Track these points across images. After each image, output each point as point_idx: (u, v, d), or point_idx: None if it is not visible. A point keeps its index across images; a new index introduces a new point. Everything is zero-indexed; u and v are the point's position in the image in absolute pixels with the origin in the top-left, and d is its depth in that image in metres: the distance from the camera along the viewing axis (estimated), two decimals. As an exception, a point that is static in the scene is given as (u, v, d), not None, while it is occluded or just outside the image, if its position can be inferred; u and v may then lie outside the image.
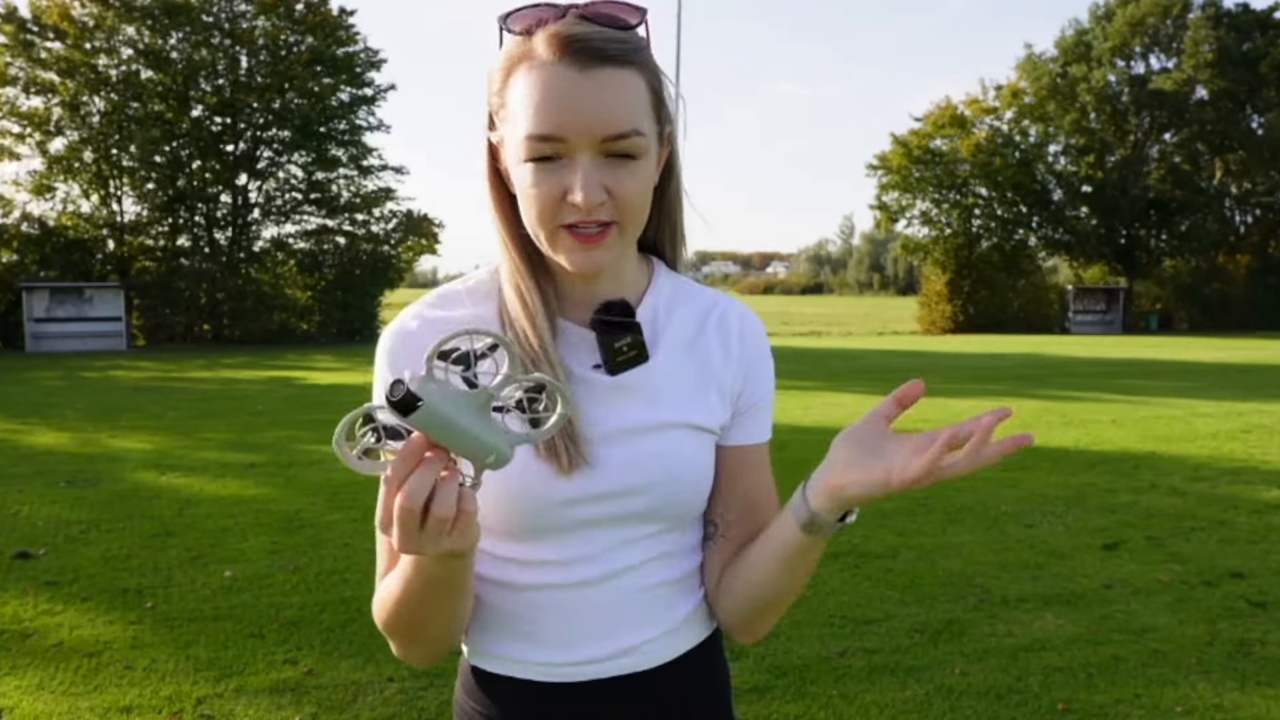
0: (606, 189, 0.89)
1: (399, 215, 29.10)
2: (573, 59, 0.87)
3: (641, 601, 1.00)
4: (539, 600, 0.99)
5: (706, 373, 1.02)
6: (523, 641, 1.00)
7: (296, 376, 16.01)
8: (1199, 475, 7.06)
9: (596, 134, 0.87)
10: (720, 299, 1.07)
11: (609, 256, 0.92)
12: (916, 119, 36.96)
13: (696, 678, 1.06)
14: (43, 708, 3.15)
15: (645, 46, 0.92)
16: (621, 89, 0.88)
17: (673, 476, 0.98)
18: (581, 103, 0.86)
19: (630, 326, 0.97)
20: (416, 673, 3.40)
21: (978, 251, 36.37)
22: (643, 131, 0.89)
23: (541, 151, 0.88)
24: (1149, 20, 36.12)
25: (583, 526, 0.97)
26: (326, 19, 27.49)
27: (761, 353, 1.07)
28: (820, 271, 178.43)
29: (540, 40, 0.88)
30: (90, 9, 25.30)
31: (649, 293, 1.03)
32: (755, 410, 1.06)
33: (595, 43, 0.87)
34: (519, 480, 0.93)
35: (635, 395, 0.98)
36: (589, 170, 0.87)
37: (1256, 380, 14.84)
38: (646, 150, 0.90)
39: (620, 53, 0.88)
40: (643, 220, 0.94)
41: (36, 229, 25.39)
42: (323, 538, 5.25)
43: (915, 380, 0.89)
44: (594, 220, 0.89)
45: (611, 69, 0.88)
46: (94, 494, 6.35)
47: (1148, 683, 3.37)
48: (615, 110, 0.87)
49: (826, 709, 3.16)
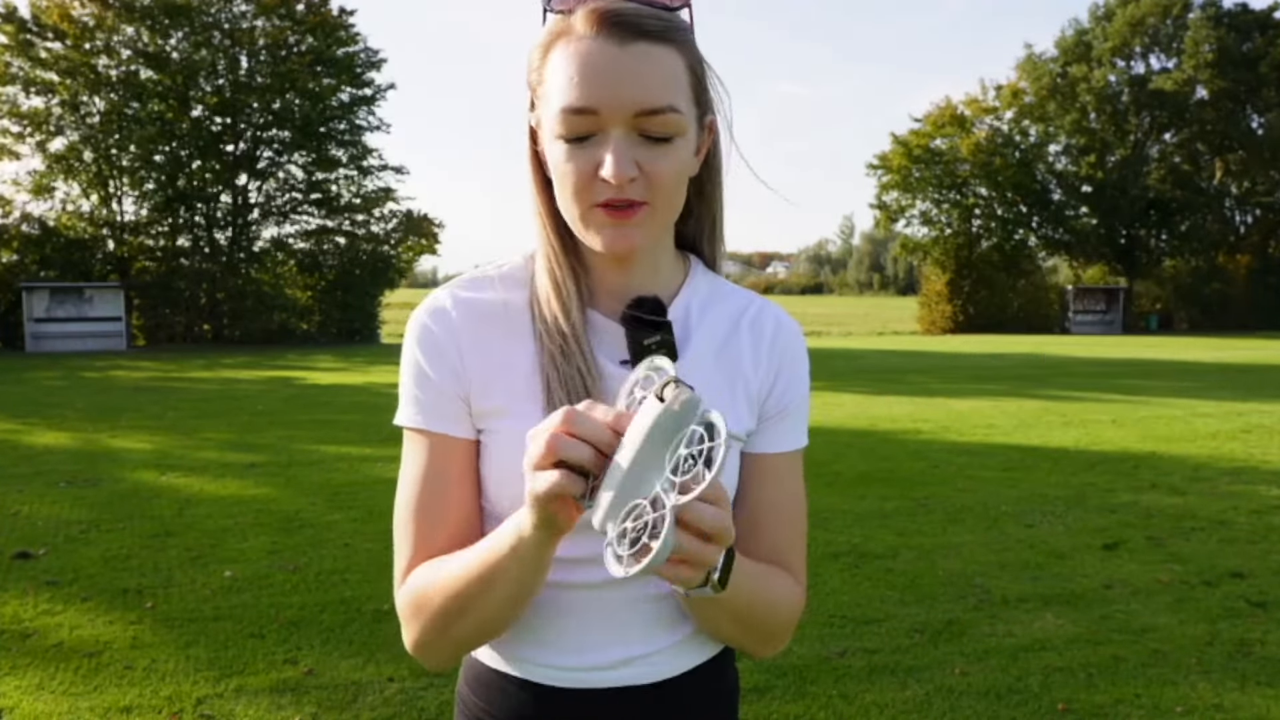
0: (639, 166, 0.87)
1: (399, 215, 29.13)
2: (610, 33, 0.86)
3: (651, 610, 0.97)
4: (548, 600, 0.96)
5: (735, 376, 0.99)
6: (530, 641, 0.98)
7: (296, 376, 16.01)
8: (1199, 475, 7.06)
9: (630, 107, 0.85)
10: (755, 299, 1.04)
11: (640, 235, 0.90)
12: (916, 119, 37.01)
13: (704, 694, 1.03)
14: (43, 708, 3.15)
15: (687, 29, 0.91)
16: (659, 64, 0.87)
17: None
18: (617, 75, 0.85)
19: (660, 324, 0.93)
20: (417, 673, 3.40)
21: (978, 251, 36.38)
22: (679, 109, 0.87)
23: (575, 126, 0.87)
24: (1149, 20, 36.13)
25: None
26: (326, 19, 27.50)
27: (795, 356, 1.03)
28: (820, 271, 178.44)
29: (579, 16, 0.87)
30: (90, 9, 25.30)
31: (684, 290, 1.01)
32: (782, 416, 1.01)
33: (633, 17, 0.86)
34: None
35: None
36: (621, 145, 0.86)
37: (1256, 380, 14.84)
38: (683, 131, 0.89)
39: (659, 29, 0.87)
40: (678, 205, 0.92)
41: (36, 229, 25.40)
42: (323, 538, 5.25)
43: None
44: (625, 198, 0.88)
45: (649, 44, 0.86)
46: (94, 494, 6.35)
47: (1148, 683, 3.37)
48: (650, 84, 0.86)
49: (826, 709, 3.16)
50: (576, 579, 0.95)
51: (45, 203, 25.91)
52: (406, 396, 0.99)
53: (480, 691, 1.03)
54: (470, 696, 1.04)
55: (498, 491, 0.95)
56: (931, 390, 13.37)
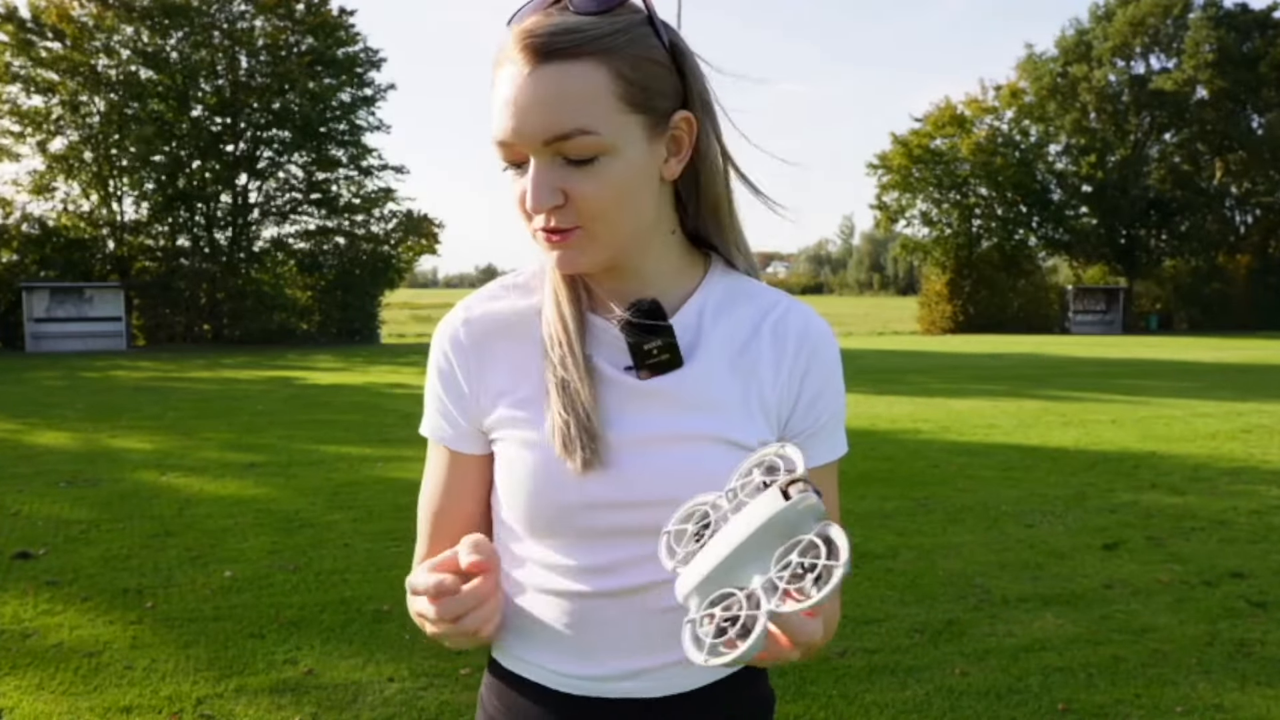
0: (564, 192, 0.85)
1: (399, 215, 29.12)
2: (525, 57, 0.83)
3: (662, 624, 0.93)
4: (554, 606, 0.95)
5: (751, 382, 0.95)
6: (541, 646, 0.97)
7: (296, 376, 16.01)
8: (1199, 475, 7.06)
9: (538, 136, 0.83)
10: (782, 300, 0.99)
11: (583, 258, 0.88)
12: (916, 119, 37.01)
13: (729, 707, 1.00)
14: (43, 708, 3.15)
15: (624, 29, 0.85)
16: (568, 85, 0.82)
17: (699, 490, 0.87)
18: (524, 104, 0.83)
19: (659, 328, 0.91)
20: (416, 673, 3.40)
21: (978, 251, 36.39)
22: (592, 130, 0.83)
23: (505, 155, 0.87)
24: (1149, 20, 36.13)
25: (606, 535, 0.92)
26: (326, 19, 27.50)
27: (824, 362, 0.98)
28: (820, 271, 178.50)
29: (511, 37, 0.85)
30: (89, 8, 25.30)
31: (697, 292, 0.97)
32: (815, 430, 0.98)
33: (545, 36, 0.82)
34: (539, 477, 0.91)
35: (667, 402, 0.92)
36: (540, 174, 0.84)
37: (1256, 380, 14.84)
38: (607, 149, 0.84)
39: (571, 44, 0.82)
40: (624, 220, 0.88)
41: (36, 229, 25.40)
42: (323, 538, 5.25)
43: None
44: (553, 226, 0.87)
45: (559, 64, 0.82)
46: (94, 494, 6.35)
47: (1148, 683, 3.37)
48: (554, 110, 0.82)
49: (826, 709, 3.16)
50: (594, 588, 0.94)
51: (45, 203, 25.94)
52: (427, 409, 1.02)
53: (498, 692, 1.03)
54: (488, 696, 1.04)
55: (503, 498, 0.96)
56: (931, 390, 13.37)
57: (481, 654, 3.04)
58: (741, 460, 0.80)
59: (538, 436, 0.92)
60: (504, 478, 0.95)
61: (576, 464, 0.89)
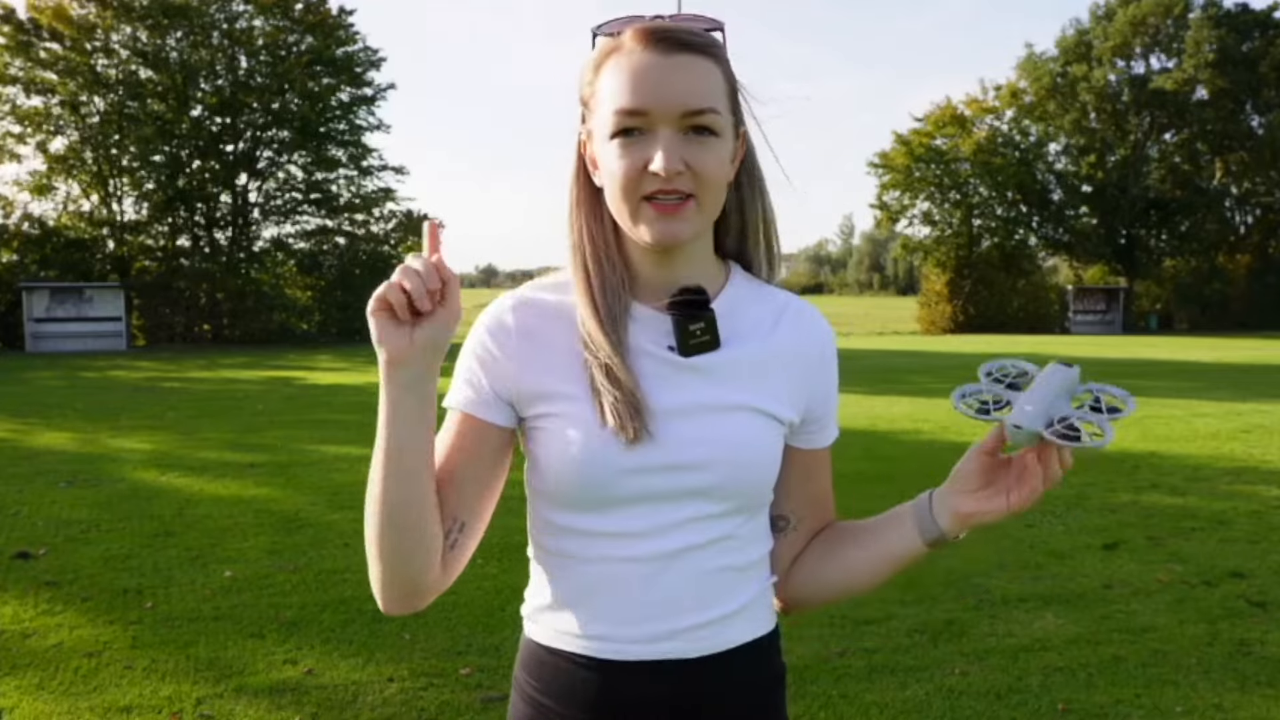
0: (685, 162, 0.95)
1: (399, 215, 29.13)
2: (657, 46, 0.96)
3: (703, 584, 1.02)
4: (599, 573, 1.01)
5: (777, 366, 1.06)
6: (580, 615, 1.03)
7: (296, 376, 16.01)
8: (1199, 475, 7.06)
9: (677, 108, 0.95)
10: (793, 299, 1.11)
11: (687, 229, 0.98)
12: (917, 118, 37.00)
13: (751, 672, 1.07)
14: (43, 708, 3.15)
15: (723, 48, 1.01)
16: (701, 72, 0.97)
17: (738, 455, 1.01)
18: (665, 80, 0.95)
19: (705, 312, 1.01)
20: (416, 673, 3.40)
21: (978, 251, 36.39)
22: (719, 110, 0.97)
23: (627, 124, 0.96)
24: (1149, 20, 36.13)
25: (647, 500, 0.99)
26: (326, 19, 27.50)
27: (831, 356, 1.12)
28: (820, 271, 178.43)
29: (628, 35, 0.98)
30: (88, 9, 25.31)
31: (726, 288, 1.07)
32: (826, 415, 1.11)
33: (677, 33, 0.97)
34: (586, 447, 0.98)
35: (706, 376, 1.02)
36: (670, 141, 0.95)
37: (1256, 380, 14.84)
38: (723, 130, 0.98)
39: (700, 44, 0.98)
40: (719, 199, 1.00)
41: (36, 229, 25.41)
42: (323, 538, 5.25)
43: None
44: (674, 190, 0.96)
45: (691, 55, 0.97)
46: (94, 494, 6.35)
47: (1148, 683, 3.37)
48: (695, 88, 0.96)
49: (826, 709, 3.16)
50: (625, 553, 1.00)
51: (46, 203, 25.96)
52: (456, 383, 1.06)
53: (532, 669, 1.07)
54: (523, 676, 1.09)
55: (547, 469, 1.01)
56: (931, 390, 13.37)
57: (483, 655, 3.04)
58: None
59: (584, 411, 0.99)
60: (554, 453, 1.00)
61: (629, 435, 0.97)
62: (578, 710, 1.03)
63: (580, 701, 1.03)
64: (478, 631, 3.78)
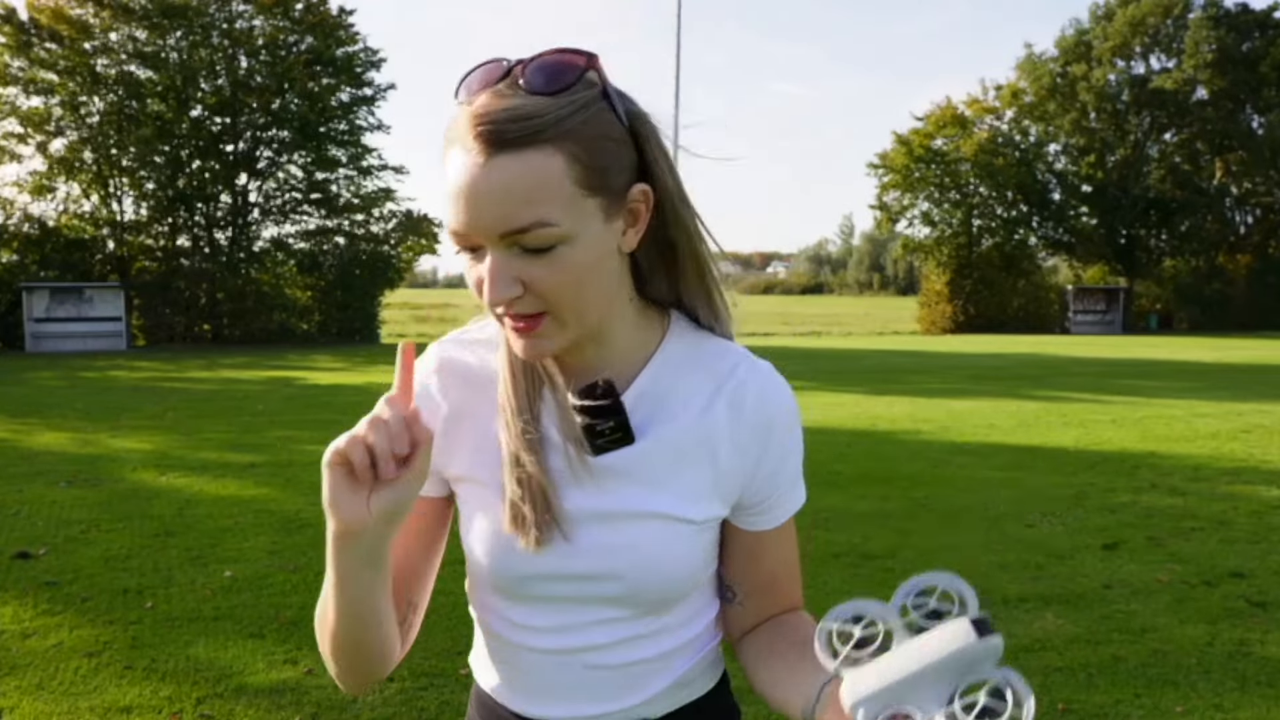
0: (523, 282, 0.83)
1: (399, 215, 29.14)
2: (479, 144, 0.81)
3: (610, 679, 0.99)
4: (519, 658, 1.01)
5: (703, 454, 0.95)
6: (508, 688, 1.03)
7: (296, 376, 16.01)
8: (1199, 475, 7.06)
9: (495, 229, 0.81)
10: (739, 366, 0.96)
11: (550, 345, 0.88)
12: (918, 118, 37.01)
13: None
14: (43, 708, 3.15)
15: (576, 110, 0.82)
16: (523, 177, 0.80)
17: (646, 568, 0.93)
18: (479, 197, 0.81)
19: (611, 410, 0.90)
20: (416, 673, 3.40)
21: (978, 251, 36.40)
22: (549, 221, 0.81)
23: (460, 242, 0.85)
24: (1149, 20, 36.12)
25: (556, 600, 0.96)
26: (325, 18, 27.50)
27: (781, 431, 0.97)
28: (820, 271, 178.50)
29: (463, 117, 0.83)
30: (86, 9, 25.30)
31: (655, 357, 0.96)
32: (772, 497, 0.99)
33: (497, 125, 0.80)
34: (495, 543, 0.95)
35: (618, 478, 0.93)
36: (498, 265, 0.83)
37: (1256, 380, 14.84)
38: (565, 237, 0.82)
39: (525, 133, 0.80)
40: (586, 301, 0.86)
41: (36, 229, 25.41)
42: (323, 538, 5.20)
43: None
44: (518, 313, 0.85)
45: (512, 154, 0.80)
46: (94, 494, 6.35)
47: (1148, 683, 3.37)
48: (510, 203, 0.80)
49: (826, 709, 3.16)
50: (539, 644, 0.99)
51: (45, 203, 25.95)
52: None
53: (475, 705, 1.09)
54: (471, 708, 1.11)
55: (466, 548, 0.99)
56: (931, 390, 13.37)
57: (481, 654, 2.92)
58: (846, 615, 0.77)
59: (494, 503, 0.95)
60: (471, 536, 0.98)
61: (529, 541, 0.92)
62: None
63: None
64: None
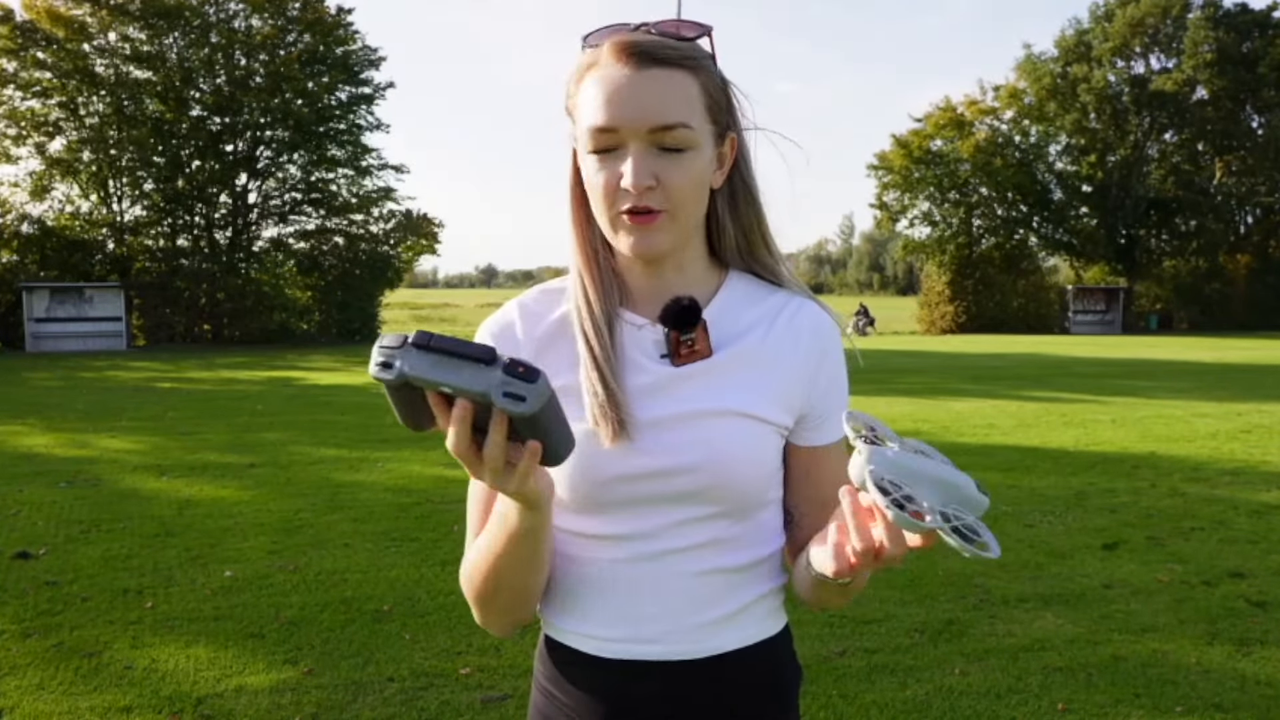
0: (656, 177, 0.97)
1: (398, 215, 29.14)
2: (629, 61, 0.97)
3: (691, 587, 1.03)
4: (596, 574, 1.04)
5: (770, 368, 1.05)
6: (581, 615, 1.06)
7: (296, 376, 16.01)
8: (1199, 475, 7.05)
9: (645, 124, 0.96)
10: (793, 299, 1.10)
11: (664, 239, 1.00)
12: (916, 119, 37.00)
13: (756, 674, 1.07)
14: (43, 708, 3.15)
15: (704, 55, 1.01)
16: (672, 86, 0.97)
17: (723, 460, 1.01)
18: (634, 96, 0.96)
19: (695, 322, 1.02)
20: (416, 673, 3.40)
21: (978, 251, 36.41)
22: (690, 125, 0.97)
23: (601, 142, 0.98)
24: (1149, 20, 36.13)
25: (638, 503, 1.02)
26: (323, 17, 27.49)
27: (832, 354, 1.09)
28: (820, 271, 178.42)
29: (605, 48, 0.99)
30: (83, 9, 25.29)
31: (720, 293, 1.08)
32: (829, 413, 1.08)
33: (649, 47, 0.97)
34: (580, 455, 0.98)
35: (696, 384, 1.03)
36: (639, 157, 0.96)
37: (1256, 380, 14.84)
38: (696, 145, 0.98)
39: (673, 56, 0.98)
40: (696, 211, 1.02)
41: (36, 229, 25.40)
42: (323, 538, 5.25)
43: None
44: (645, 205, 0.97)
45: (663, 69, 0.97)
46: (94, 494, 6.35)
47: (1148, 683, 3.37)
48: (663, 103, 0.96)
49: (826, 709, 3.16)
50: (618, 555, 1.03)
51: (45, 203, 25.94)
52: None
53: (542, 657, 1.12)
54: (539, 668, 1.13)
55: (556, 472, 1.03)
56: (931, 390, 13.37)
57: (483, 655, 3.05)
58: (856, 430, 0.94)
59: (578, 414, 1.00)
60: None
61: (607, 433, 0.99)
62: (575, 702, 1.06)
63: (576, 694, 1.06)
64: (477, 631, 3.77)
